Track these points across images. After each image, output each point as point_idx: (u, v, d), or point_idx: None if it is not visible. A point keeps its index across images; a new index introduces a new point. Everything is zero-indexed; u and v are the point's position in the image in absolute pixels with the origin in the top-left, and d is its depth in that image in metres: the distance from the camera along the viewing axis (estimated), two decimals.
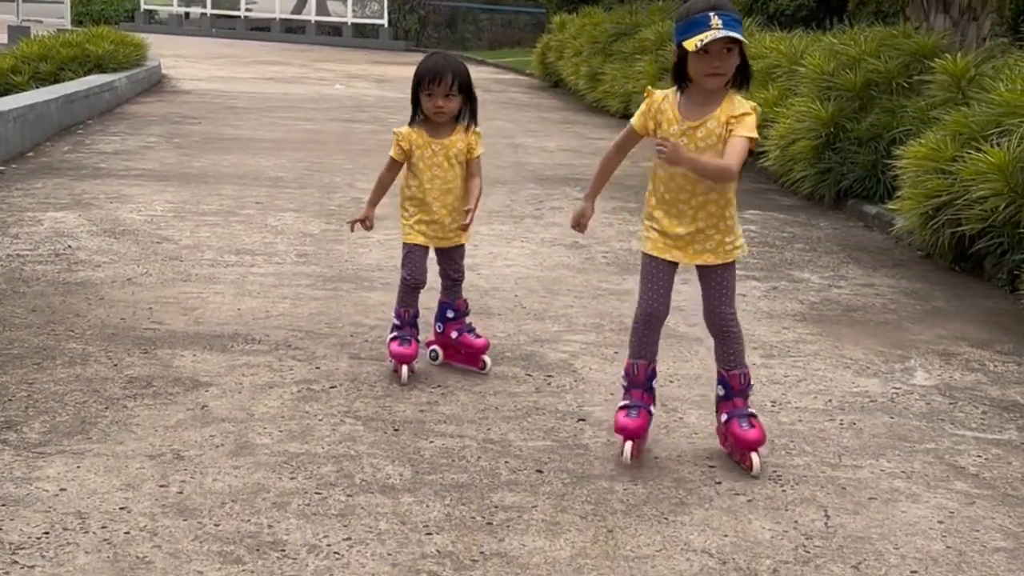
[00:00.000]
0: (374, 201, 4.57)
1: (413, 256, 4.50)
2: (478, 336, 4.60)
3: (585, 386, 4.52)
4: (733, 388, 3.83)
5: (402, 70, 23.60)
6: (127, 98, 14.65)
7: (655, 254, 3.79)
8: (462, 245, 4.57)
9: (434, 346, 4.67)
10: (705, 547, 3.21)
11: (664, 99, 3.73)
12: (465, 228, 4.46)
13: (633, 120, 3.81)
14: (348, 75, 21.68)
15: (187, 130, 11.96)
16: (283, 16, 35.18)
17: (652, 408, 3.84)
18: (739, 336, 3.84)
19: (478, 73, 23.29)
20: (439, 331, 4.66)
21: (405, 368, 4.46)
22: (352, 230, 4.67)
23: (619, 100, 14.85)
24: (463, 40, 34.51)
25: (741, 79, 3.65)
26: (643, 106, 3.78)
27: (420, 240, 4.49)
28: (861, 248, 7.51)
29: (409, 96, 4.41)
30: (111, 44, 15.65)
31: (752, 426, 3.76)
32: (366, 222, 4.53)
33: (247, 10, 35.60)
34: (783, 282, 6.41)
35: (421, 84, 4.34)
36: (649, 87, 3.83)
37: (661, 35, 14.48)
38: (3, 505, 3.23)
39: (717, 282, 3.80)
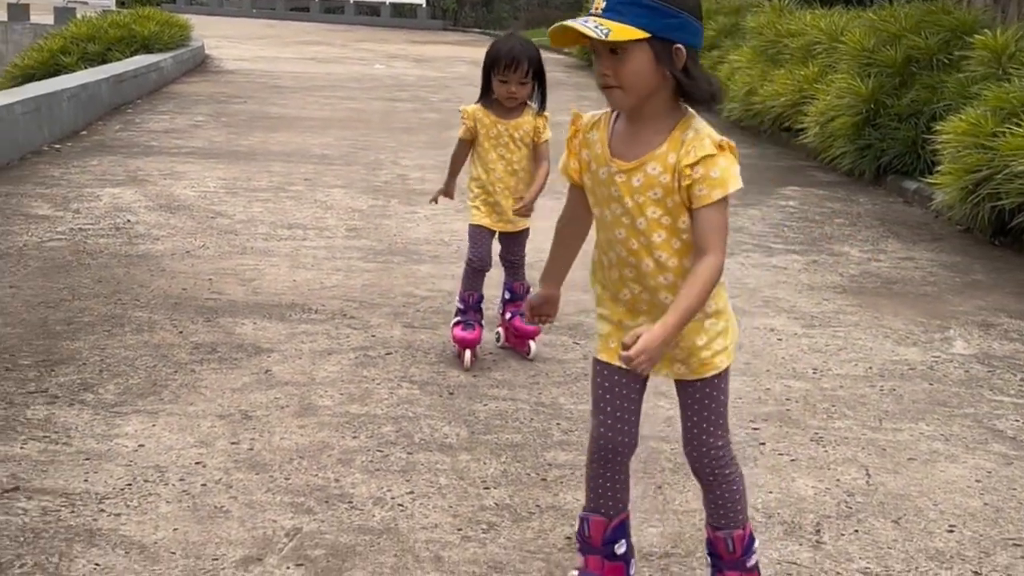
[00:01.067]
0: (452, 174, 4.50)
1: (478, 238, 4.46)
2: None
3: None
4: (720, 556, 2.66)
5: (440, 49, 23.77)
6: (173, 78, 14.88)
7: (609, 360, 2.57)
8: (527, 229, 4.52)
9: (499, 328, 4.68)
10: (751, 502, 3.35)
11: (594, 125, 2.52)
12: (520, 213, 4.34)
13: (562, 168, 2.59)
14: (388, 55, 21.85)
15: (234, 109, 12.17)
16: None
17: None
18: (732, 479, 2.64)
19: None
20: (500, 312, 4.68)
21: (468, 353, 4.42)
22: (435, 202, 4.58)
23: None
24: (500, 19, 34.61)
25: (682, 96, 2.38)
26: (568, 141, 2.57)
27: (486, 222, 4.44)
28: (901, 223, 7.60)
29: (447, 76, 4.45)
30: (157, 25, 15.89)
31: None
32: (448, 193, 4.50)
33: None
34: (823, 255, 6.52)
35: (495, 68, 4.24)
36: (575, 110, 2.60)
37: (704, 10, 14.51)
38: (87, 459, 3.43)
39: (695, 401, 2.62)
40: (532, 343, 4.55)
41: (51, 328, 4.62)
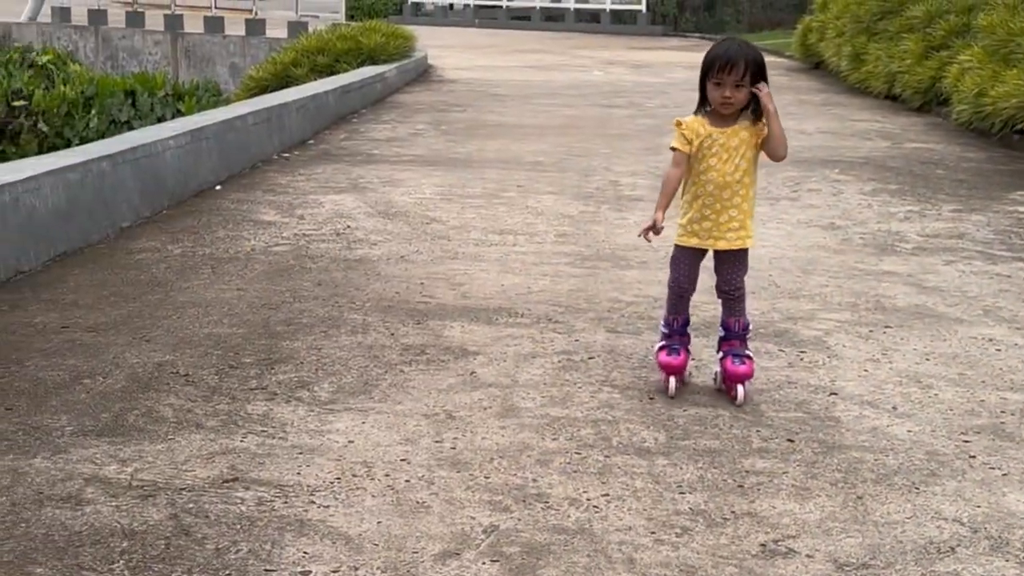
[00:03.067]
0: (662, 205, 4.11)
1: (682, 259, 4.20)
2: (743, 363, 4.12)
3: (838, 362, 4.59)
4: None
5: (659, 55, 23.70)
6: (396, 88, 15.35)
7: None
8: (743, 251, 4.16)
9: (717, 369, 4.28)
10: (956, 516, 3.26)
11: None
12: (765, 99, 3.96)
13: None
14: (606, 61, 21.94)
15: (452, 118, 12.48)
16: (543, 4, 35.80)
17: None
18: None
19: None
20: (717, 350, 4.30)
21: (673, 380, 4.17)
22: (647, 239, 4.18)
23: (883, 80, 14.50)
24: (722, 23, 34.23)
25: None
26: None
27: (693, 242, 4.15)
28: None
29: (664, 82, 4.23)
30: (382, 37, 16.43)
31: None
32: (656, 226, 4.11)
33: (508, 0, 36.42)
34: None
35: (710, 72, 3.98)
36: None
37: (930, 12, 14.06)
38: (300, 453, 3.62)
39: None
40: (741, 387, 4.11)
41: (272, 328, 4.88)
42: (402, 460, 3.58)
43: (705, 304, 4.93)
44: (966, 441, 3.81)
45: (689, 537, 3.13)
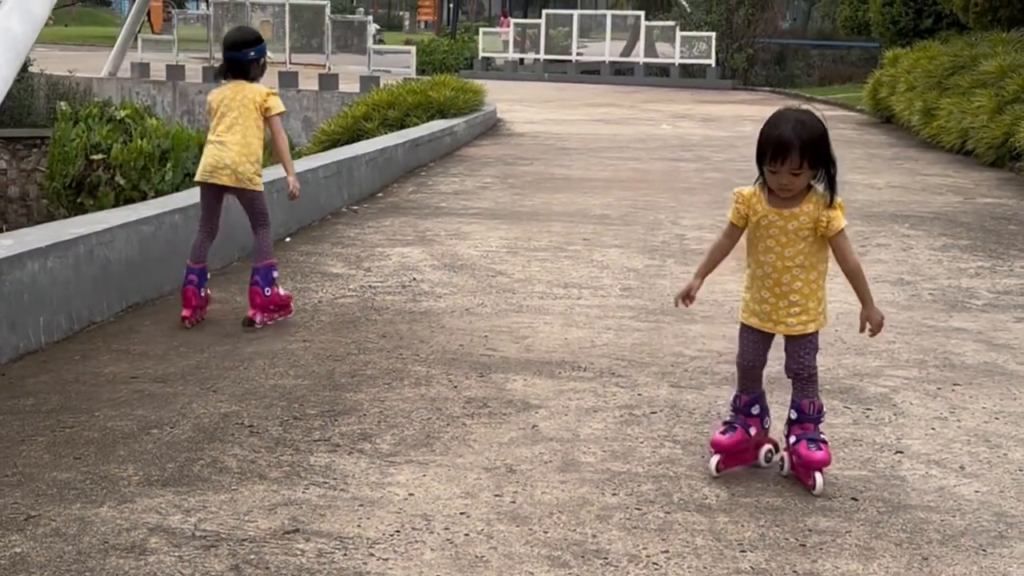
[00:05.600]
0: (703, 272, 3.97)
1: (746, 337, 3.95)
2: (819, 448, 3.84)
3: (905, 420, 4.53)
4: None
5: (728, 109, 23.71)
6: (465, 141, 15.50)
7: None
8: (809, 336, 3.88)
9: (783, 452, 3.99)
10: None
11: None
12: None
13: None
14: (674, 115, 21.98)
15: (520, 171, 12.56)
16: (612, 59, 36.01)
17: None
18: None
19: None
20: (785, 434, 4.00)
21: (715, 459, 3.93)
22: (677, 305, 4.02)
23: (955, 135, 14.37)
24: (792, 77, 34.19)
25: None
26: None
27: (753, 322, 3.91)
28: None
29: (733, 135, 4.05)
30: (451, 91, 16.61)
31: None
32: (690, 294, 3.94)
33: (577, 54, 36.69)
34: None
35: (763, 158, 3.69)
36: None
37: (1003, 68, 13.94)
38: (361, 505, 3.64)
39: None
40: (820, 475, 3.81)
41: (337, 380, 4.92)
42: (462, 514, 3.59)
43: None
44: None
45: None
